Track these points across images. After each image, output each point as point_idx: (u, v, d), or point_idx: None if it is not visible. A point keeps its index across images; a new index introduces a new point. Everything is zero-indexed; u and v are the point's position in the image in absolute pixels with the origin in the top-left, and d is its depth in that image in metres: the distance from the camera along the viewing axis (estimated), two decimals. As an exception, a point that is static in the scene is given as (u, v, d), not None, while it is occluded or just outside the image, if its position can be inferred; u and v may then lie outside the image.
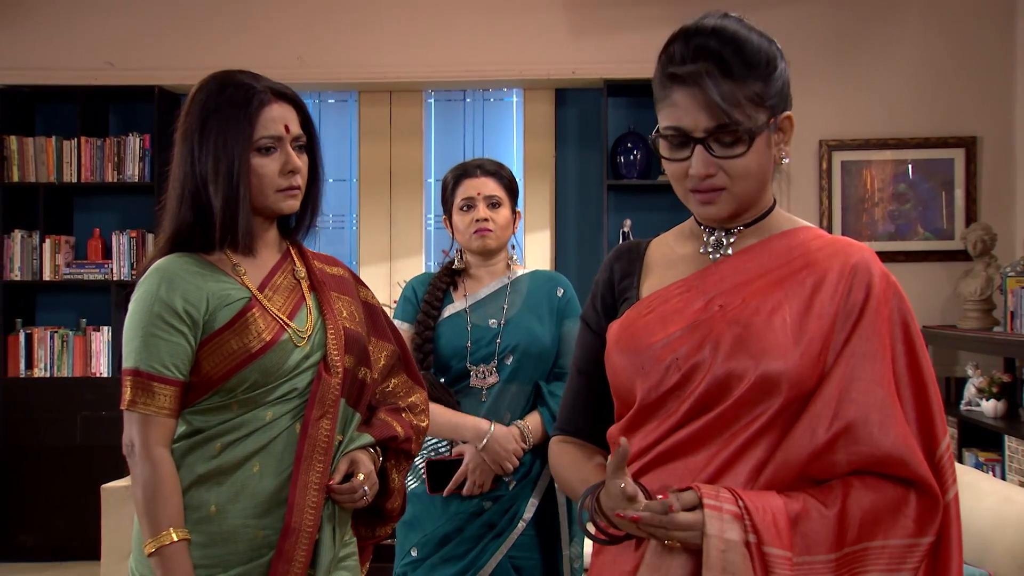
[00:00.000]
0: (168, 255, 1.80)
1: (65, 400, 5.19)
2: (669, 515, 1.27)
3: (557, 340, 2.55)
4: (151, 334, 1.72)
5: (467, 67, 5.21)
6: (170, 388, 1.72)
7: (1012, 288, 4.29)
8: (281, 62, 5.09)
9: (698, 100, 1.36)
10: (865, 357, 1.33)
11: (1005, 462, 4.14)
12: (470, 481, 2.44)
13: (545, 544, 2.51)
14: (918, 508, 1.32)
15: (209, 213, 1.79)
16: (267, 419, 1.77)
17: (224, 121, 1.77)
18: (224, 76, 1.83)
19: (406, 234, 5.45)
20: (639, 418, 1.42)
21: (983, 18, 4.97)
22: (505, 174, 2.62)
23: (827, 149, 5.02)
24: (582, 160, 5.45)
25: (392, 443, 1.94)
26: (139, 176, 5.27)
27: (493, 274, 2.61)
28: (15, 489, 5.19)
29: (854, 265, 1.39)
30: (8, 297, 5.29)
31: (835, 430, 1.31)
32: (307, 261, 1.94)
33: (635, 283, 1.53)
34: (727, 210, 1.42)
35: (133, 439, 1.73)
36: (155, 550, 1.68)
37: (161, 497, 1.70)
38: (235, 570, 1.73)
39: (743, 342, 1.34)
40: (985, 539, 2.48)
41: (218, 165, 1.76)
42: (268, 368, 1.76)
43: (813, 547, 1.29)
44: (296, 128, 1.84)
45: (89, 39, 5.27)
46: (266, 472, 1.76)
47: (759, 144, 1.38)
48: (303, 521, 1.74)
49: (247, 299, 1.79)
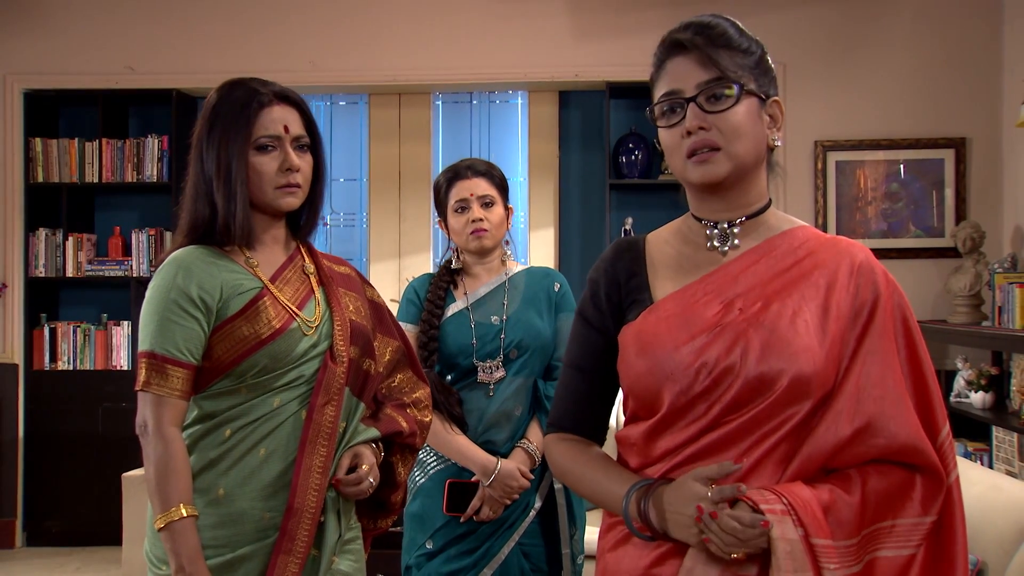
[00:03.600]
0: (185, 246, 1.86)
1: (87, 392, 5.24)
2: (752, 519, 1.29)
3: (555, 333, 2.58)
4: (167, 319, 1.76)
5: (473, 70, 5.23)
6: (183, 371, 1.76)
7: (1000, 284, 4.30)
8: (294, 66, 5.15)
9: (690, 61, 1.42)
10: (878, 355, 1.38)
11: (993, 451, 4.18)
12: (483, 513, 2.46)
13: (549, 531, 2.55)
14: (923, 490, 1.37)
15: (217, 209, 1.84)
16: (275, 405, 1.81)
17: (227, 123, 1.83)
18: (234, 82, 1.89)
19: (414, 232, 5.47)
20: (666, 421, 1.42)
21: (972, 23, 4.99)
22: (496, 173, 2.62)
23: (822, 149, 5.05)
24: (585, 160, 5.47)
25: (397, 438, 1.97)
26: (157, 176, 5.31)
27: (490, 271, 2.62)
28: (41, 477, 5.25)
29: (860, 264, 1.43)
30: (33, 293, 5.34)
31: (856, 426, 1.35)
32: (316, 258, 1.98)
33: (644, 284, 1.51)
34: (723, 170, 1.42)
35: (146, 419, 1.76)
36: (164, 525, 1.71)
37: (172, 474, 1.73)
38: (242, 550, 1.77)
39: (772, 346, 1.36)
40: (974, 526, 2.38)
41: (220, 164, 1.82)
42: (277, 354, 1.80)
43: (841, 534, 1.33)
44: (297, 129, 1.88)
45: (110, 45, 5.32)
46: (273, 457, 1.80)
47: (749, 105, 1.42)
48: (306, 502, 1.78)
49: (259, 288, 1.83)
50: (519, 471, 2.48)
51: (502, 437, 2.53)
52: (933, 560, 1.38)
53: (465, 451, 2.48)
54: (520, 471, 2.48)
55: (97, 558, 4.98)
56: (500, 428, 2.53)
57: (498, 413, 2.52)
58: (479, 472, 2.47)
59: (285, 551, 1.76)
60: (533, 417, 2.57)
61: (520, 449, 2.52)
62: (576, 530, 2.57)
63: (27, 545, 5.25)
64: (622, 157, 5.22)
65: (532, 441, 2.53)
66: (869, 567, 1.35)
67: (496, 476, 2.46)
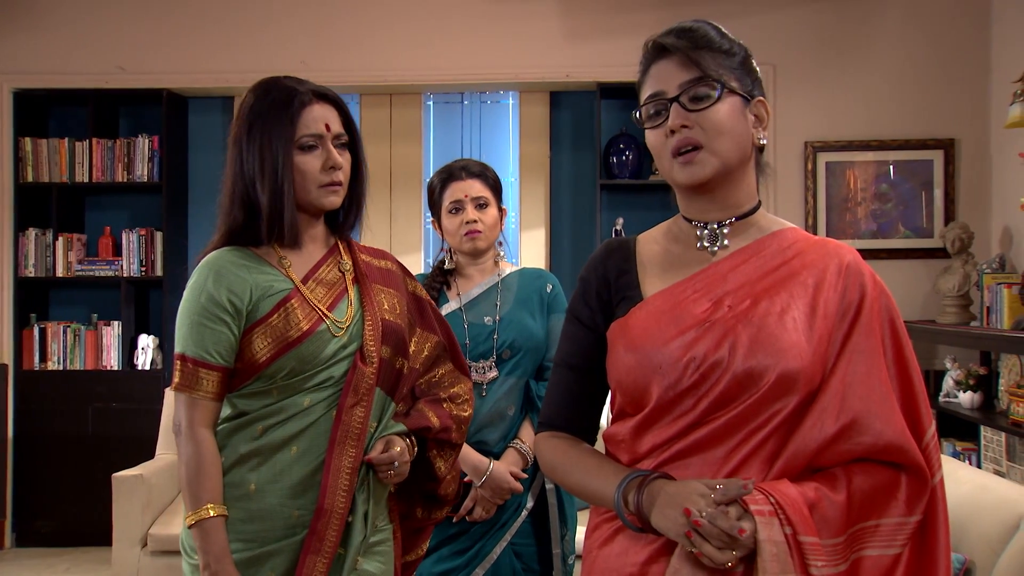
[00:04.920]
0: (220, 248, 1.87)
1: (77, 392, 5.23)
2: (730, 526, 1.29)
3: (547, 334, 2.58)
4: (198, 323, 1.79)
5: (465, 71, 5.24)
6: (214, 373, 1.79)
7: (988, 284, 4.33)
8: (285, 66, 4.99)
9: (673, 64, 1.45)
10: (864, 353, 1.39)
11: (981, 451, 4.20)
12: (475, 514, 2.47)
13: (541, 531, 2.55)
14: (908, 490, 1.38)
15: (258, 211, 1.84)
16: (305, 405, 1.82)
17: (268, 122, 1.82)
18: (270, 81, 1.89)
19: (406, 232, 5.49)
20: (654, 416, 1.42)
21: (961, 24, 5.02)
22: (490, 175, 2.62)
23: (812, 150, 5.07)
24: (576, 160, 5.48)
25: (427, 433, 1.97)
26: (148, 176, 5.29)
27: (483, 272, 2.62)
28: (31, 478, 5.23)
29: (847, 265, 1.44)
30: (23, 293, 5.32)
31: (841, 423, 1.35)
32: (354, 254, 1.98)
33: (634, 281, 1.52)
34: (709, 169, 1.43)
35: (180, 420, 1.80)
36: (195, 523, 1.76)
37: (203, 474, 1.77)
38: (270, 546, 1.80)
39: (760, 342, 1.37)
40: (962, 525, 2.47)
41: (263, 164, 1.82)
42: (305, 356, 1.81)
43: (827, 532, 1.33)
44: (337, 127, 1.89)
45: (100, 45, 5.31)
46: (303, 455, 1.81)
47: (732, 104, 1.44)
48: (335, 503, 1.79)
49: (288, 290, 1.84)
50: (511, 473, 2.48)
51: (495, 437, 2.53)
52: (917, 561, 1.39)
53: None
54: (512, 473, 2.48)
55: (87, 558, 4.97)
56: (493, 428, 2.53)
57: (491, 413, 2.52)
58: (471, 473, 2.47)
59: (314, 551, 1.78)
60: (525, 417, 2.57)
61: (513, 449, 2.52)
62: (567, 530, 2.57)
63: (17, 545, 5.24)
64: (613, 158, 5.23)
65: (525, 441, 2.53)
66: (855, 567, 1.36)
67: (488, 477, 2.46)
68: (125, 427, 5.19)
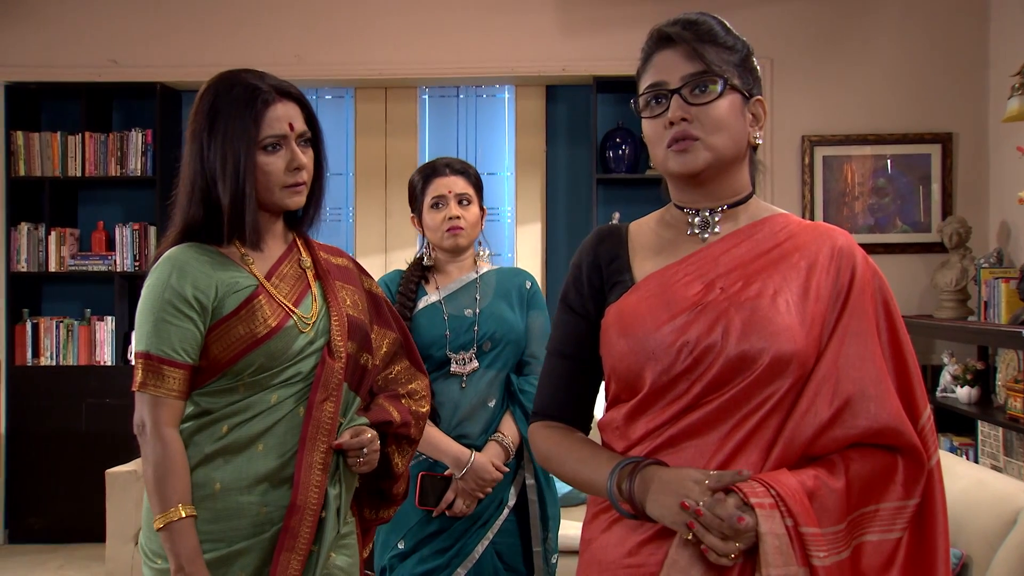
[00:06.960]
0: (179, 244, 1.83)
1: (71, 388, 5.21)
2: (729, 515, 1.28)
3: (526, 329, 2.58)
4: (162, 319, 1.75)
5: (460, 64, 5.23)
6: (179, 371, 1.76)
7: (986, 279, 4.34)
8: (280, 60, 5.12)
9: (676, 54, 1.45)
10: (857, 335, 1.38)
11: (978, 446, 4.20)
12: (456, 507, 2.46)
13: (523, 530, 2.54)
14: (905, 473, 1.38)
15: (218, 209, 1.81)
16: (272, 402, 1.80)
17: (231, 121, 1.79)
18: (231, 76, 1.85)
19: (400, 226, 5.45)
20: (647, 401, 1.42)
21: (959, 18, 5.01)
22: (472, 172, 2.61)
23: (809, 144, 5.06)
24: (572, 154, 5.48)
25: (388, 428, 1.96)
26: (141, 170, 5.28)
27: (462, 269, 2.61)
28: (23, 474, 5.22)
29: (840, 248, 1.44)
30: (15, 288, 5.31)
31: (836, 406, 1.35)
32: (313, 251, 1.96)
33: (626, 266, 1.52)
34: (702, 160, 1.43)
35: (144, 419, 1.76)
36: (163, 525, 1.72)
37: (170, 475, 1.73)
38: (239, 545, 1.77)
39: (753, 324, 1.36)
40: (959, 520, 2.47)
41: (225, 163, 1.78)
42: (274, 352, 1.79)
43: (828, 520, 1.32)
44: (300, 125, 1.86)
45: (93, 37, 5.28)
46: (270, 452, 1.79)
47: (732, 101, 1.44)
48: (308, 499, 1.78)
49: (254, 287, 1.81)
50: (492, 464, 2.47)
51: (476, 430, 2.52)
52: (916, 544, 1.39)
53: (438, 443, 2.47)
54: (493, 464, 2.47)
55: (80, 555, 4.96)
56: (474, 421, 2.52)
57: (472, 405, 2.52)
58: (452, 464, 2.46)
59: (288, 548, 1.76)
60: (506, 411, 2.56)
61: (494, 442, 2.52)
62: (548, 532, 2.56)
63: (9, 542, 5.23)
64: (609, 152, 5.23)
65: (506, 435, 2.52)
66: (857, 552, 1.36)
67: (469, 468, 2.45)
68: (118, 423, 5.14)
